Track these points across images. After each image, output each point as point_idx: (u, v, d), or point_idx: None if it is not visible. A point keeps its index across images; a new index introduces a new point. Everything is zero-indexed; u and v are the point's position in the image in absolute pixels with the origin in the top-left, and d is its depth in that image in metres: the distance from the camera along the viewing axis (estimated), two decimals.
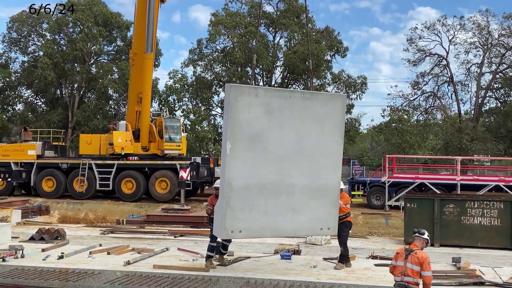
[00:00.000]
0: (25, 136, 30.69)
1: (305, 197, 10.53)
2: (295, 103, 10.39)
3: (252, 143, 10.15)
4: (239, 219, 10.12)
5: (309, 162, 10.53)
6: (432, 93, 44.33)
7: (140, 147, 28.33)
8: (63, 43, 46.37)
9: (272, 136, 10.26)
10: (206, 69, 44.05)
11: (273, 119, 10.27)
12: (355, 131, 44.23)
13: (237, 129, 10.10)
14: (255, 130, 10.16)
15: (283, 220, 10.42)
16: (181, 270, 11.07)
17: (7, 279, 10.85)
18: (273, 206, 10.32)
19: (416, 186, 25.54)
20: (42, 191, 28.12)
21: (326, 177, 10.65)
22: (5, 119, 45.64)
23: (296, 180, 10.45)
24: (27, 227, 19.84)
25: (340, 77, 42.65)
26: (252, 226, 10.28)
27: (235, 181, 10.08)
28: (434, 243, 17.19)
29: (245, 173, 10.14)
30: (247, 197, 10.15)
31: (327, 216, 10.71)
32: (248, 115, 10.11)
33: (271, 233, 10.87)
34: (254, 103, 10.14)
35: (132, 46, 30.01)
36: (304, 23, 42.11)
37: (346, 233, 11.72)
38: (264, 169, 10.24)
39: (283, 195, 10.38)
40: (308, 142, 10.53)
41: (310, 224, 10.68)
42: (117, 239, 17.46)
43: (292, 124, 10.39)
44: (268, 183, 10.26)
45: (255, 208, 10.22)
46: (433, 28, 43.54)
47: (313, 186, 10.56)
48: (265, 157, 10.23)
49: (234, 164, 10.11)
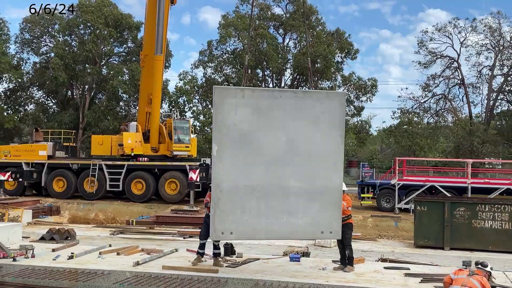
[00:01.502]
0: (37, 137, 30.88)
1: (302, 200, 10.20)
2: (286, 102, 10.17)
3: (241, 145, 10.07)
4: (229, 221, 10.06)
5: (304, 163, 10.19)
6: (443, 96, 44.10)
7: (149, 148, 28.42)
8: (75, 44, 46.67)
9: (261, 137, 10.13)
10: (216, 70, 44.17)
11: (262, 120, 10.13)
12: (365, 133, 44.10)
13: (224, 130, 10.08)
14: (243, 132, 10.08)
15: (278, 222, 10.17)
16: (190, 271, 11.07)
17: (17, 278, 10.91)
18: (266, 208, 10.13)
19: (426, 189, 25.39)
20: (52, 192, 28.30)
21: (324, 178, 10.23)
22: (17, 119, 46.01)
23: (290, 182, 10.18)
24: (37, 227, 19.97)
25: (350, 79, 42.55)
26: (244, 229, 10.17)
27: (224, 183, 10.06)
28: (444, 247, 17.09)
29: (234, 175, 10.07)
30: (237, 199, 10.05)
31: (328, 219, 10.29)
32: (235, 117, 10.05)
33: (266, 235, 10.60)
34: (241, 104, 10.07)
35: (142, 47, 30.14)
36: (314, 24, 42.15)
37: (349, 235, 11.56)
38: (255, 171, 10.11)
39: (276, 197, 10.14)
40: (302, 143, 10.21)
41: (309, 227, 10.29)
42: (126, 240, 17.53)
43: (283, 125, 10.16)
44: (259, 185, 10.11)
45: (247, 210, 10.11)
46: (445, 30, 43.35)
47: (310, 188, 10.20)
48: (255, 159, 10.11)
49: (222, 166, 10.10)
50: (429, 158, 41.03)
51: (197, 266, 11.50)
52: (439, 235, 17.21)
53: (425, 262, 14.00)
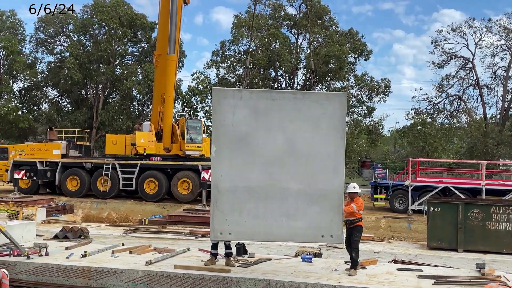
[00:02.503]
0: (51, 136, 31.14)
1: (301, 202, 10.11)
2: (284, 104, 10.14)
3: (239, 146, 10.11)
4: (228, 222, 10.12)
5: (304, 165, 10.10)
6: (457, 96, 43.75)
7: (162, 147, 28.53)
8: (89, 44, 46.97)
9: (260, 138, 10.14)
10: (228, 71, 44.20)
11: (261, 121, 10.14)
12: (377, 134, 43.89)
13: (222, 132, 10.15)
14: (242, 133, 10.12)
15: (277, 225, 10.14)
16: (202, 271, 11.10)
17: (31, 276, 11.01)
18: (265, 210, 10.11)
19: (440, 190, 25.21)
20: (66, 190, 28.51)
21: (324, 181, 10.09)
22: (32, 118, 46.40)
23: (289, 184, 10.11)
24: (51, 225, 20.13)
25: (363, 80, 42.37)
26: (242, 230, 10.22)
27: (222, 184, 10.12)
28: (458, 249, 16.96)
29: (233, 176, 10.11)
30: (236, 200, 10.10)
31: (329, 223, 10.12)
32: (233, 118, 10.11)
33: (264, 237, 10.59)
34: (239, 106, 10.11)
35: (156, 47, 30.27)
36: (327, 24, 42.02)
37: (358, 238, 11.42)
38: (253, 172, 10.12)
39: (275, 199, 10.10)
40: (302, 144, 10.14)
41: (308, 231, 10.18)
42: (139, 239, 17.61)
43: (281, 126, 10.12)
44: (258, 187, 10.11)
45: (245, 211, 10.14)
46: (459, 30, 43.00)
47: (310, 191, 10.09)
48: (253, 160, 10.12)
49: (220, 167, 10.17)
50: (443, 159, 40.73)
51: (209, 266, 11.52)
52: (452, 237, 17.09)
53: (439, 264, 13.90)
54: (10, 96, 46.22)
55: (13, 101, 46.14)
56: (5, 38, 44.06)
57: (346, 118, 42.75)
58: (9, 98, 45.70)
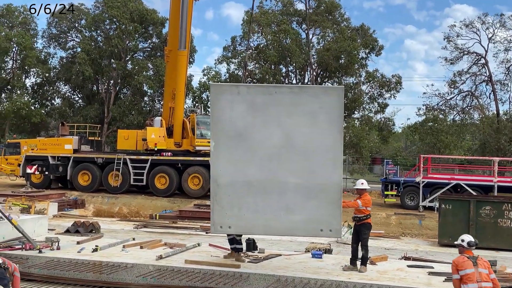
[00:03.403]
0: (63, 131, 31.32)
1: (300, 196, 10.12)
2: (281, 98, 10.13)
3: (237, 141, 10.16)
4: (227, 215, 10.24)
5: (302, 159, 10.08)
6: (469, 92, 43.38)
7: (173, 143, 28.59)
8: (100, 39, 47.18)
9: (257, 133, 10.17)
10: (239, 66, 44.18)
11: (258, 116, 10.16)
12: (389, 130, 43.68)
13: (220, 127, 10.22)
14: (239, 128, 10.17)
15: (276, 219, 10.18)
16: (212, 266, 11.13)
17: (43, 270, 11.10)
18: (264, 204, 10.16)
19: (452, 187, 25.05)
20: (78, 185, 28.68)
21: (323, 175, 10.05)
22: (44, 113, 46.73)
23: (288, 179, 10.11)
24: (63, 220, 20.31)
25: (374, 76, 42.17)
26: (242, 223, 10.32)
27: (221, 178, 10.22)
28: None
29: (231, 171, 10.19)
30: (235, 194, 10.18)
31: (327, 217, 10.10)
32: (231, 113, 10.15)
33: (264, 231, 10.70)
34: (237, 101, 10.15)
35: (167, 43, 30.32)
36: (338, 20, 41.83)
37: (367, 236, 11.30)
38: (251, 167, 10.16)
39: (274, 194, 10.13)
40: (299, 139, 10.11)
41: (307, 224, 10.20)
42: (149, 234, 17.70)
43: (278, 120, 10.13)
44: (256, 181, 10.15)
45: (244, 205, 10.22)
46: (472, 26, 42.59)
47: (309, 185, 10.08)
48: (251, 155, 10.16)
49: (219, 162, 10.27)
50: (454, 156, 40.46)
51: (219, 261, 11.55)
52: (463, 233, 16.93)
53: (449, 261, 13.81)
54: (22, 91, 46.62)
55: (26, 96, 46.51)
56: (18, 34, 44.37)
57: (357, 114, 42.65)
58: (21, 93, 46.09)
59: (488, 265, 8.03)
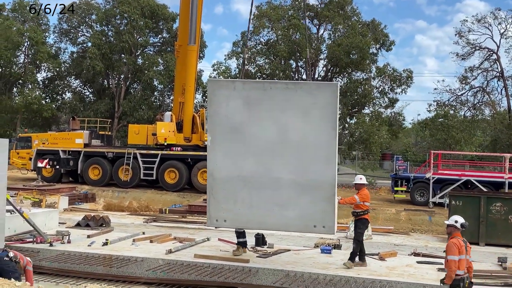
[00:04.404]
0: (73, 125, 31.50)
1: (293, 192, 10.14)
2: (275, 94, 10.17)
3: (233, 136, 10.28)
4: (223, 209, 10.40)
5: (295, 155, 10.10)
6: (481, 88, 43.07)
7: (182, 138, 28.67)
8: (111, 34, 47.32)
9: (252, 129, 10.26)
10: (249, 61, 44.07)
11: (253, 112, 10.25)
12: (399, 125, 43.45)
13: (217, 122, 10.38)
14: (235, 123, 10.28)
15: (270, 214, 10.25)
16: (222, 260, 11.17)
17: (53, 263, 11.21)
18: (258, 199, 10.25)
19: (462, 183, 24.91)
20: (88, 179, 28.87)
21: (316, 172, 10.04)
22: (55, 108, 47.00)
23: (281, 174, 10.15)
24: (73, 214, 20.44)
25: (385, 71, 41.93)
26: (237, 217, 10.45)
27: (217, 172, 10.38)
28: (479, 242, 16.77)
29: (227, 165, 10.33)
30: (230, 188, 10.33)
31: (321, 214, 10.08)
32: (227, 108, 10.29)
33: (258, 226, 10.83)
34: (233, 96, 10.27)
35: (177, 37, 30.35)
36: (349, 15, 41.63)
37: (361, 230, 11.32)
38: (246, 162, 10.27)
39: (268, 189, 10.20)
40: (293, 135, 10.14)
41: (300, 220, 10.21)
42: (159, 228, 17.79)
43: (272, 116, 10.17)
44: (251, 176, 10.25)
45: (239, 200, 10.35)
46: (484, 21, 42.21)
47: (302, 181, 10.09)
48: (246, 150, 10.27)
49: (215, 156, 10.42)
50: (465, 152, 40.20)
51: (228, 256, 11.58)
52: (474, 230, 16.89)
53: None
54: (34, 85, 46.87)
55: (37, 90, 46.77)
56: (30, 29, 44.59)
57: (367, 110, 42.29)
58: (33, 87, 46.34)
59: (470, 250, 8.13)
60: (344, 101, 41.33)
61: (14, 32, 43.21)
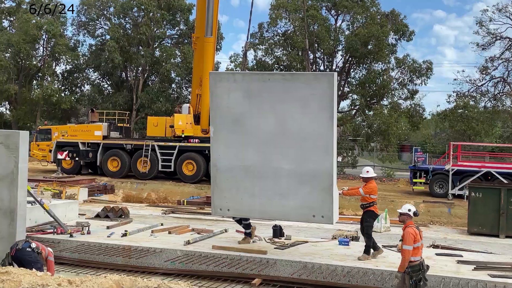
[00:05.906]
0: (92, 117, 31.78)
1: (293, 182, 10.28)
2: (274, 85, 10.24)
3: (234, 127, 10.49)
4: (226, 198, 10.69)
5: (294, 145, 10.21)
6: (501, 79, 42.39)
7: (200, 130, 28.75)
8: (129, 27, 47.52)
9: (253, 120, 10.41)
10: (266, 53, 43.94)
11: (253, 103, 10.39)
12: (419, 117, 43.02)
13: (219, 113, 10.63)
14: (236, 114, 10.48)
15: (271, 203, 10.47)
16: (239, 252, 11.21)
17: (74, 254, 11.35)
18: (260, 189, 10.46)
19: (482, 175, 24.65)
20: (107, 171, 29.15)
21: (315, 161, 10.11)
22: (74, 100, 47.43)
23: (282, 164, 10.32)
24: (93, 205, 20.63)
25: (404, 62, 41.49)
26: (240, 206, 10.72)
27: (220, 162, 10.67)
28: (499, 234, 16.59)
29: (229, 155, 10.57)
30: (233, 178, 10.57)
31: (320, 203, 10.19)
32: (228, 100, 10.51)
33: (260, 215, 11.05)
34: (234, 88, 10.46)
35: (194, 30, 30.36)
36: (368, 5, 41.21)
37: (369, 223, 11.25)
38: (248, 152, 10.47)
39: (269, 179, 10.40)
40: (292, 125, 10.22)
41: (300, 210, 10.35)
42: (177, 219, 17.90)
43: (272, 107, 10.28)
44: (253, 166, 10.45)
45: (242, 189, 10.59)
46: (505, 10, 41.45)
47: (301, 171, 10.20)
48: (247, 140, 10.45)
49: (218, 147, 10.74)
50: (485, 143, 39.69)
51: (246, 247, 11.61)
52: (494, 222, 16.70)
53: (479, 249, 13.64)
54: (53, 78, 47.33)
55: (56, 83, 47.22)
56: (48, 22, 44.98)
57: (385, 101, 41.93)
58: (52, 80, 46.80)
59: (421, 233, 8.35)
60: (362, 92, 41.05)
61: (32, 25, 43.57)
